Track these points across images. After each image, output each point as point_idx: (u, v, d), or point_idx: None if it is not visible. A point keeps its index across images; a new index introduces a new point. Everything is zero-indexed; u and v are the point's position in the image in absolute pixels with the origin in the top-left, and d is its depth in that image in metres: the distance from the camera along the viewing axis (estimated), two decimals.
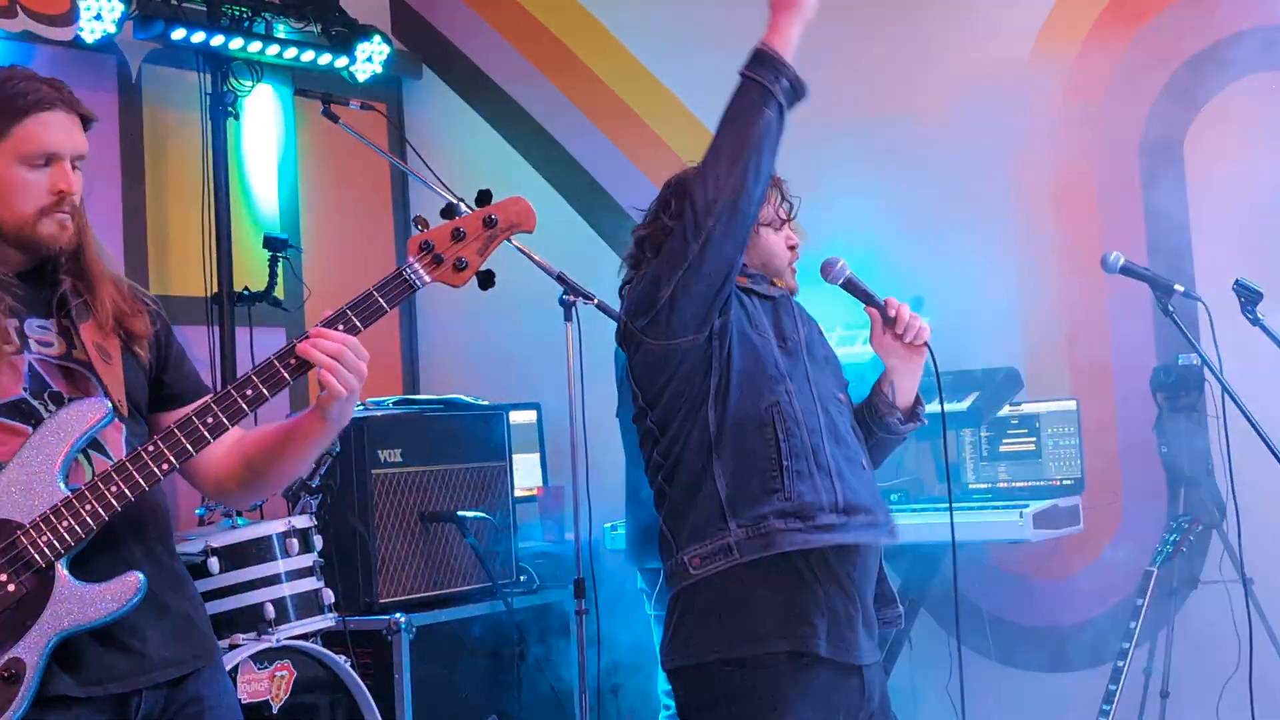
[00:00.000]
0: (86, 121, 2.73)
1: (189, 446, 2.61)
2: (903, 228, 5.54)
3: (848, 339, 5.41)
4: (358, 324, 2.66)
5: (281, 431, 2.79)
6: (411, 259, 2.69)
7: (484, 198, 2.77)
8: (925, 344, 3.36)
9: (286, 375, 2.65)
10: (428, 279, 2.70)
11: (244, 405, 2.62)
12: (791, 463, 3.14)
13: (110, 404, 2.63)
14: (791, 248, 3.47)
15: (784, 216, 3.45)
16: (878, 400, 3.43)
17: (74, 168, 2.68)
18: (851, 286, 3.41)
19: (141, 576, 2.59)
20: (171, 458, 2.60)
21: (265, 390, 2.63)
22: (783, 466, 3.13)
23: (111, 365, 2.69)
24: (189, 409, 2.67)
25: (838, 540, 3.14)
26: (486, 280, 2.75)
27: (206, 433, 2.61)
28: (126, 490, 2.58)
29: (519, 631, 5.43)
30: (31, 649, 2.53)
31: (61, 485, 2.57)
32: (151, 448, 2.60)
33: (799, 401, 3.21)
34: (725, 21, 6.19)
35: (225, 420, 2.62)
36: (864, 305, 3.41)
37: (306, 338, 2.65)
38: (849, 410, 3.39)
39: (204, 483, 2.86)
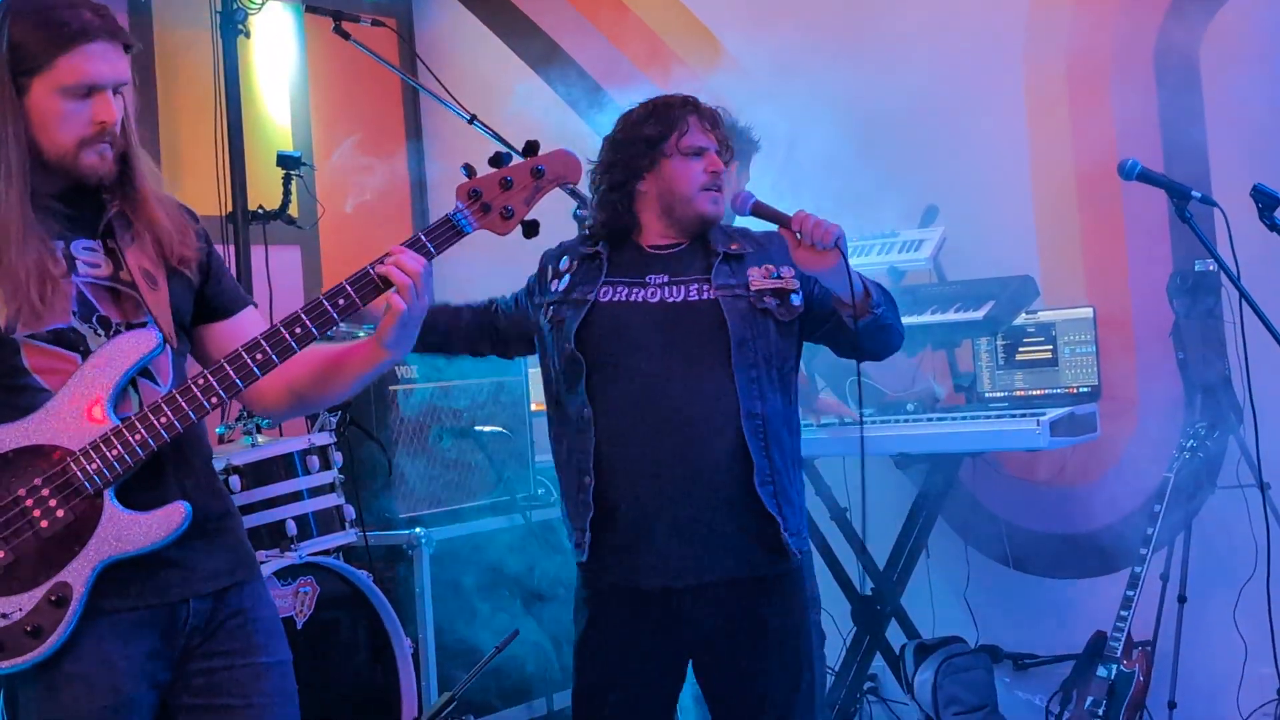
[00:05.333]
0: (128, 48, 2.69)
1: (237, 381, 2.64)
2: (915, 138, 5.50)
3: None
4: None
5: (332, 358, 2.82)
6: (461, 204, 2.74)
7: (531, 148, 2.81)
8: (836, 245, 3.23)
9: (335, 315, 2.68)
10: (476, 225, 2.75)
11: (292, 343, 2.66)
12: None
13: (160, 335, 2.66)
14: (710, 173, 3.45)
15: (692, 148, 3.42)
16: (834, 302, 3.41)
17: (115, 93, 2.66)
18: (760, 211, 3.37)
19: (187, 507, 2.63)
20: (220, 391, 2.63)
21: (314, 329, 2.66)
22: None
23: (158, 291, 2.70)
24: (237, 340, 2.70)
25: None
26: (531, 229, 2.79)
27: (256, 368, 2.65)
28: (175, 421, 2.61)
29: (537, 544, 5.44)
30: (78, 574, 2.57)
31: (111, 415, 2.60)
32: (201, 380, 2.63)
33: None
34: None
35: (274, 357, 2.66)
36: (779, 228, 3.35)
37: (381, 261, 2.70)
38: None
39: (248, 400, 2.89)
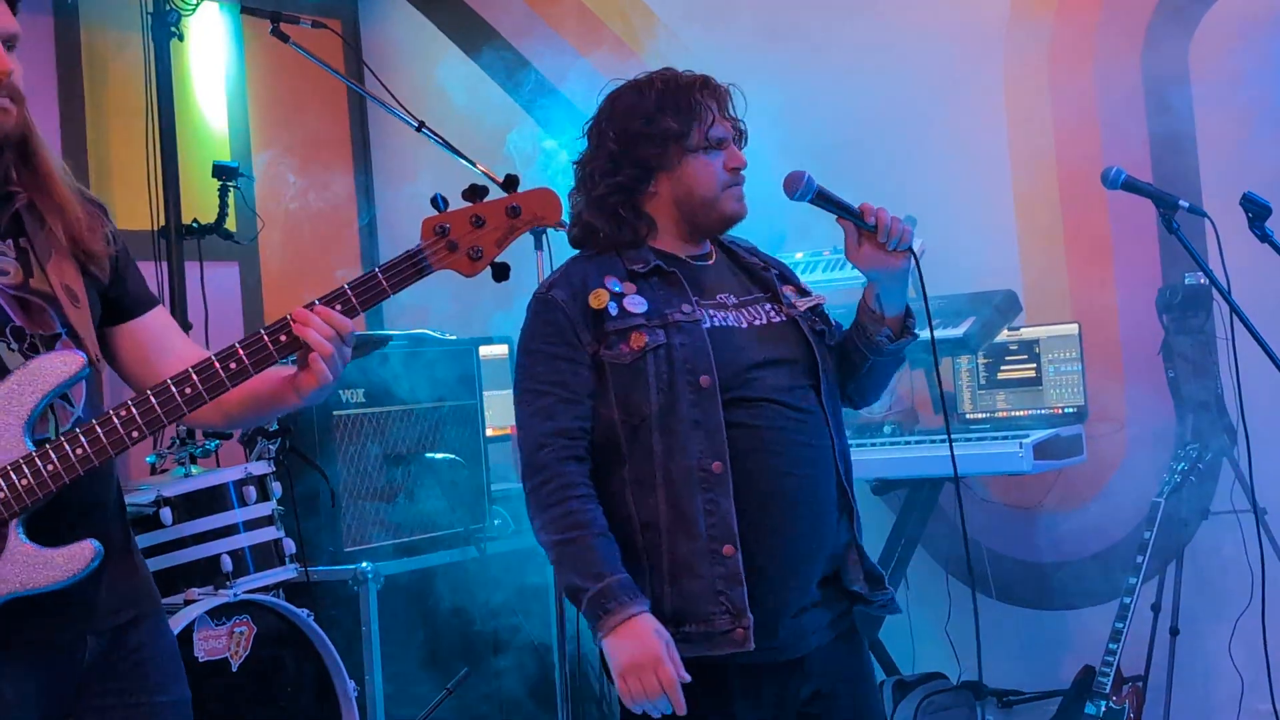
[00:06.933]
0: (13, 3, 2.59)
1: (162, 416, 2.54)
2: (889, 144, 5.46)
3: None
4: (356, 305, 2.56)
5: (249, 389, 2.70)
6: (424, 242, 2.58)
7: (511, 183, 2.64)
8: (909, 249, 3.08)
9: (274, 352, 2.55)
10: (439, 265, 2.59)
11: (225, 379, 2.54)
12: None
13: (86, 358, 2.55)
14: (733, 170, 3.16)
15: (715, 139, 3.14)
16: (865, 319, 3.18)
17: (9, 48, 2.55)
18: (824, 200, 3.14)
19: (97, 546, 2.52)
20: (143, 425, 2.53)
21: (250, 365, 2.55)
22: None
23: (80, 309, 2.60)
24: (145, 342, 2.67)
25: None
26: (501, 273, 2.61)
27: (182, 404, 2.54)
28: (92, 455, 2.51)
29: (493, 579, 5.36)
30: None
31: (26, 440, 2.50)
32: (124, 412, 2.52)
33: None
34: None
35: (204, 393, 2.55)
36: (837, 218, 3.13)
37: (309, 307, 2.55)
38: None
39: None
